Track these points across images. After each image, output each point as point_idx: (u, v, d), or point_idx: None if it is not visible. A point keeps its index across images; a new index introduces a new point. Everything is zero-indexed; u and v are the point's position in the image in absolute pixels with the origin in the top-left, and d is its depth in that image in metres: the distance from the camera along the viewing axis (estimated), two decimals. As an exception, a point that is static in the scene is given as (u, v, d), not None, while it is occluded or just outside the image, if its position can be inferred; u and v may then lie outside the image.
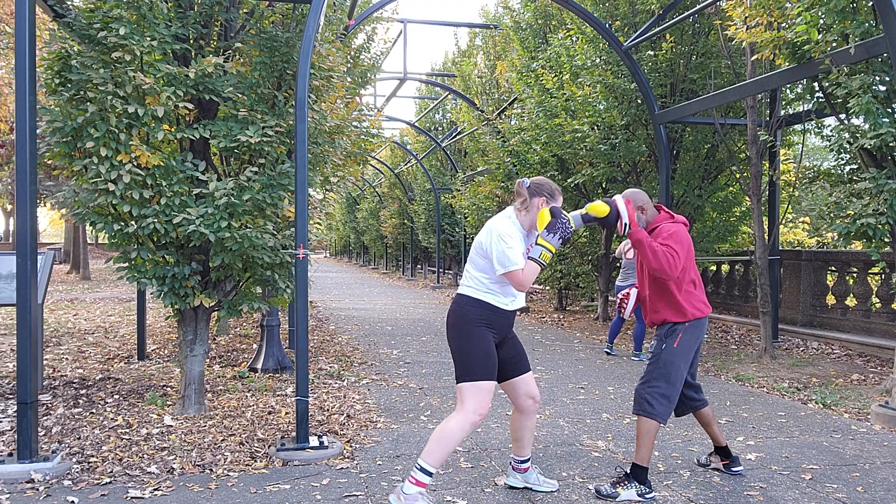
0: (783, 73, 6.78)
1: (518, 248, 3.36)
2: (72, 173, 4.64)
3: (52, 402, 5.46)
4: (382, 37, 11.62)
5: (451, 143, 20.86)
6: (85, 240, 22.67)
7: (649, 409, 3.67)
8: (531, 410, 3.66)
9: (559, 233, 3.39)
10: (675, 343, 3.73)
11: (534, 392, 3.65)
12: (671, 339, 3.74)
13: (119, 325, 10.44)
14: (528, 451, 3.77)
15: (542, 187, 3.51)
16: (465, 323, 3.40)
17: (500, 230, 3.39)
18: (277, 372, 6.89)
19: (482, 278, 3.43)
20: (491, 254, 3.36)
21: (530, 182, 3.51)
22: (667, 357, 3.72)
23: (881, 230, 5.73)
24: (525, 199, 3.50)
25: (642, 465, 3.70)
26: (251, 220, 4.81)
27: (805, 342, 9.15)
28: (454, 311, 3.47)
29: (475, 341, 3.36)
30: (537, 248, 3.37)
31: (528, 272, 3.32)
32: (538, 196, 3.49)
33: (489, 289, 3.42)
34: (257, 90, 4.90)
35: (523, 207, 3.51)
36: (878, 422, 5.28)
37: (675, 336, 3.75)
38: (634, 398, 3.78)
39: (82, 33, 4.40)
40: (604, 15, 10.32)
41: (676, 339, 3.73)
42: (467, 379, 3.35)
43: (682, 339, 3.73)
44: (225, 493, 3.71)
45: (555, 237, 3.38)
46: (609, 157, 10.17)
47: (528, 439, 3.74)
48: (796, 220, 23.21)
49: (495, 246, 3.34)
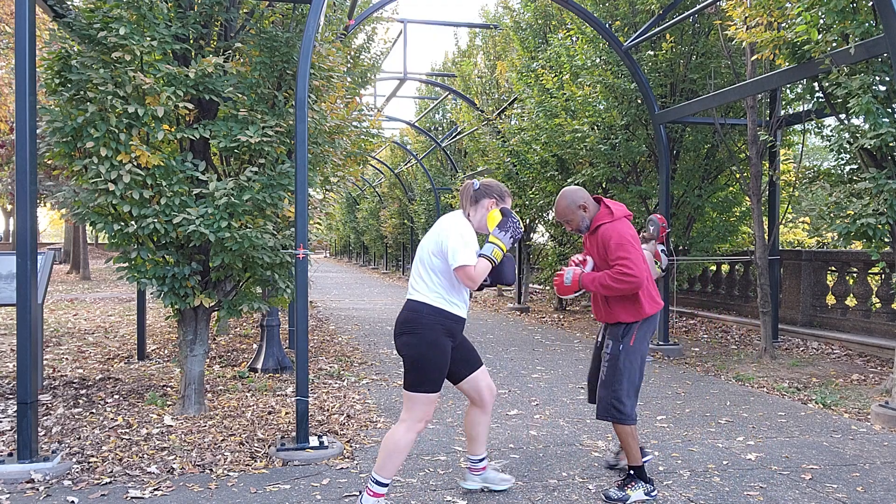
0: (783, 73, 6.78)
1: (474, 247, 3.34)
2: (72, 173, 4.64)
3: (52, 402, 5.46)
4: (382, 37, 11.62)
5: (451, 143, 20.87)
6: (85, 240, 22.67)
7: (618, 415, 3.63)
8: (489, 404, 3.65)
9: (510, 231, 3.38)
10: (631, 342, 3.69)
11: (491, 384, 3.66)
12: (627, 338, 3.70)
13: (119, 325, 10.44)
14: (483, 449, 3.73)
15: (491, 189, 3.50)
16: (424, 332, 3.30)
17: (460, 228, 3.36)
18: (277, 372, 6.89)
19: (441, 283, 3.35)
20: (447, 249, 3.30)
21: (480, 184, 3.50)
22: (625, 357, 3.67)
23: (881, 230, 5.73)
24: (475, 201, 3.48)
25: (638, 465, 3.71)
26: (251, 220, 4.81)
27: (805, 342, 9.15)
28: (409, 320, 3.34)
29: (433, 351, 3.29)
30: (489, 246, 3.35)
31: (480, 269, 3.29)
32: (488, 197, 3.48)
33: (448, 296, 3.36)
34: (257, 90, 4.90)
35: (472, 209, 3.49)
36: (878, 422, 5.28)
37: (630, 335, 3.70)
38: (599, 404, 3.71)
39: (82, 33, 4.40)
40: (604, 15, 10.32)
41: (632, 337, 3.69)
42: (421, 389, 3.30)
43: (637, 336, 3.70)
44: (225, 493, 3.71)
45: (506, 235, 3.37)
46: (609, 157, 10.17)
47: (484, 436, 3.71)
48: (796, 220, 23.22)
49: (452, 241, 3.30)
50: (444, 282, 3.35)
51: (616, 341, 3.71)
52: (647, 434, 4.94)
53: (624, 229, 3.65)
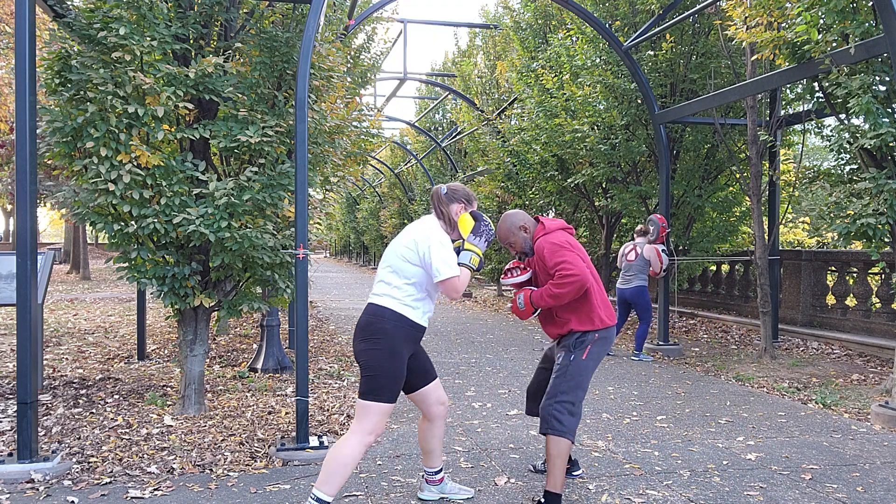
0: (783, 73, 6.78)
1: (454, 256, 3.23)
2: (72, 173, 4.64)
3: (52, 402, 5.46)
4: (382, 37, 11.63)
5: (451, 143, 20.86)
6: (85, 240, 22.67)
7: (559, 427, 3.43)
8: (442, 416, 3.54)
9: (484, 236, 3.32)
10: (584, 355, 3.51)
11: (443, 398, 3.55)
12: (580, 350, 3.53)
13: (119, 325, 10.44)
14: (439, 462, 3.63)
15: (458, 193, 3.40)
16: (385, 339, 3.15)
17: (439, 237, 3.23)
18: (277, 372, 6.89)
19: (410, 290, 3.21)
20: (430, 261, 3.16)
21: (447, 188, 3.40)
22: (575, 370, 3.50)
23: (881, 230, 5.73)
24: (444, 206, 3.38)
25: (555, 493, 3.45)
26: (251, 220, 4.81)
27: (805, 342, 9.15)
28: (371, 325, 3.19)
29: (392, 360, 3.15)
30: (466, 254, 3.27)
31: (464, 279, 3.20)
32: (456, 202, 3.38)
33: (415, 304, 3.23)
34: (257, 90, 4.90)
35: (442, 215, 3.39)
36: (878, 422, 5.28)
37: (583, 347, 3.53)
38: (541, 416, 3.53)
39: (82, 33, 4.40)
40: (604, 15, 10.32)
41: (585, 350, 3.52)
42: (374, 398, 3.13)
43: (591, 350, 3.52)
44: (225, 493, 3.71)
45: (480, 240, 3.30)
46: (609, 157, 10.17)
47: (439, 448, 3.61)
48: (796, 220, 23.22)
49: (435, 253, 3.16)
50: (413, 289, 3.22)
51: (568, 352, 3.54)
52: (647, 434, 4.95)
53: (556, 237, 3.57)
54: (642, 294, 8.19)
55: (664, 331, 8.65)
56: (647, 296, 8.24)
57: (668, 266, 8.33)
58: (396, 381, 3.18)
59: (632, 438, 4.84)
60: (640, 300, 8.19)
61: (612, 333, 3.63)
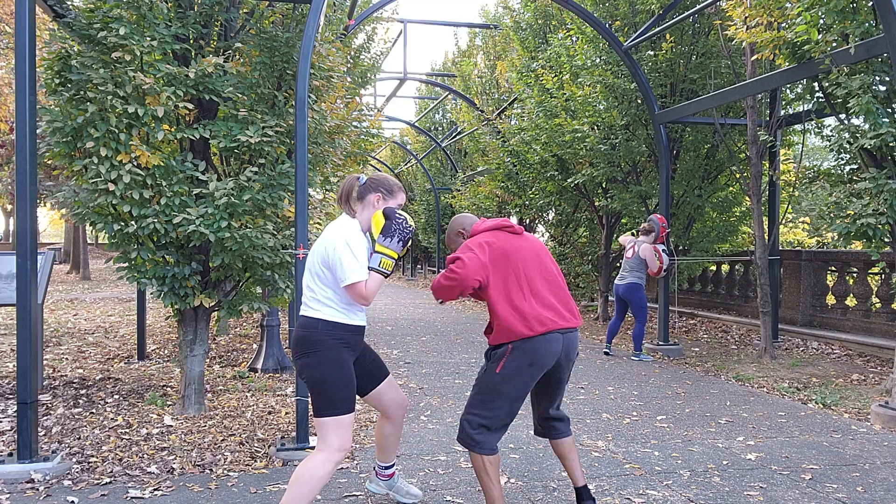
0: (783, 73, 6.78)
1: (363, 257, 2.98)
2: (72, 173, 4.64)
3: (52, 402, 5.46)
4: (382, 37, 11.65)
5: (451, 143, 20.86)
6: (85, 240, 22.67)
7: (470, 442, 3.12)
8: (400, 416, 3.44)
9: (397, 235, 2.99)
10: (498, 368, 3.10)
11: (400, 398, 3.43)
12: (493, 363, 3.15)
13: (119, 325, 10.44)
14: (393, 457, 3.56)
15: (378, 182, 3.13)
16: (323, 350, 2.96)
17: (346, 235, 2.97)
18: (277, 372, 6.89)
19: (333, 295, 3.00)
20: (334, 264, 2.94)
21: (366, 179, 3.16)
22: (487, 383, 3.14)
23: (881, 230, 5.73)
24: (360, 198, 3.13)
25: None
26: (251, 220, 4.81)
27: (805, 342, 9.15)
28: (305, 339, 2.98)
29: (336, 370, 2.95)
30: (376, 257, 2.98)
31: (371, 285, 2.93)
32: (373, 192, 3.10)
33: (345, 307, 3.02)
34: (257, 90, 4.90)
35: (359, 207, 3.14)
36: (878, 422, 5.28)
37: (497, 360, 3.13)
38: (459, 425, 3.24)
39: (82, 33, 4.40)
40: (604, 15, 10.32)
41: (500, 363, 3.11)
42: (328, 413, 2.93)
43: (505, 363, 3.09)
44: (225, 493, 3.71)
45: (393, 241, 2.98)
46: (609, 157, 10.17)
47: (395, 445, 3.53)
48: (796, 220, 23.22)
49: (340, 254, 2.92)
50: (337, 293, 3.00)
51: (486, 362, 3.25)
52: (647, 434, 4.95)
53: (474, 241, 3.22)
54: (636, 291, 8.15)
55: (664, 331, 8.65)
56: (642, 293, 8.19)
57: (668, 266, 8.33)
58: (347, 389, 2.99)
59: (632, 438, 4.84)
60: (634, 297, 8.16)
61: (536, 345, 3.08)
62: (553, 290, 3.22)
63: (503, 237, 3.23)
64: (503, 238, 3.22)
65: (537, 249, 3.28)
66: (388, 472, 3.60)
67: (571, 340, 3.20)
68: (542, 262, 3.26)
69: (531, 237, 3.35)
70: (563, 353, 3.17)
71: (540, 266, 3.24)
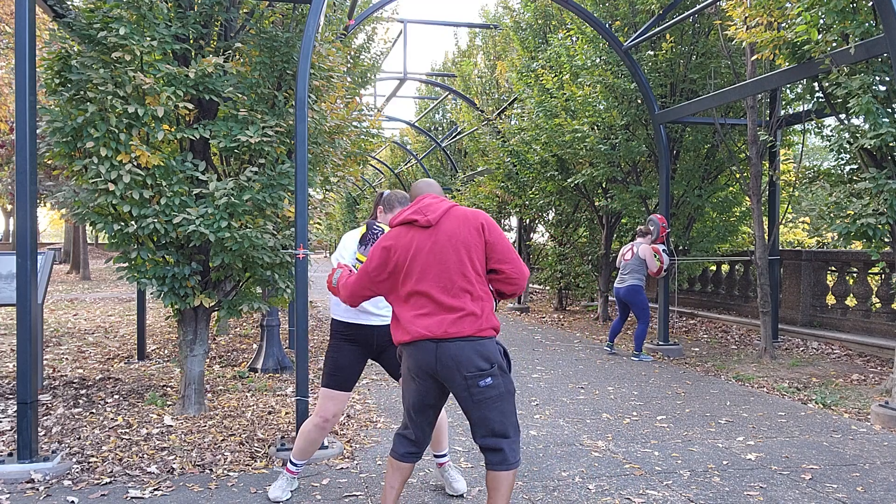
0: (783, 73, 6.78)
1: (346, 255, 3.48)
2: (72, 173, 4.64)
3: (52, 402, 5.46)
4: (382, 37, 11.64)
5: (451, 143, 20.86)
6: (85, 240, 22.67)
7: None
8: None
9: (370, 244, 3.41)
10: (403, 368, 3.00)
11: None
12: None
13: (119, 325, 10.44)
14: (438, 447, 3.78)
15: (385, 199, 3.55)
16: (332, 337, 3.59)
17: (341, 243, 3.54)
18: (277, 372, 6.89)
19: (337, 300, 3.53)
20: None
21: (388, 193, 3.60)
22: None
23: (881, 230, 5.73)
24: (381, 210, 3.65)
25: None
26: (251, 220, 4.81)
27: (805, 342, 9.15)
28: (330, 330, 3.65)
29: (336, 354, 3.53)
30: (355, 262, 3.46)
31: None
32: (379, 206, 3.61)
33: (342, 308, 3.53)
34: (257, 90, 4.90)
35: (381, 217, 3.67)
36: (878, 422, 5.28)
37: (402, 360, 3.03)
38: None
39: (82, 33, 4.40)
40: (604, 15, 10.32)
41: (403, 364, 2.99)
42: (322, 383, 3.58)
43: (402, 366, 2.98)
44: (225, 493, 3.71)
45: (367, 248, 3.43)
46: (609, 157, 10.17)
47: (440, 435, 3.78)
48: (796, 220, 23.23)
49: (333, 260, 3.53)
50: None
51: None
52: (647, 434, 4.95)
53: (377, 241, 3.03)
54: (637, 293, 8.16)
55: (664, 331, 8.65)
56: (643, 295, 8.20)
57: (668, 266, 8.34)
58: (337, 370, 3.52)
59: (632, 438, 4.84)
60: (635, 299, 8.17)
61: (419, 350, 2.83)
62: (447, 293, 2.82)
63: (407, 236, 2.89)
64: (407, 237, 2.89)
65: (441, 245, 2.84)
66: (439, 461, 3.81)
67: (446, 350, 2.78)
68: (443, 259, 2.83)
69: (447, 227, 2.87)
70: (438, 365, 2.79)
71: (438, 265, 2.83)
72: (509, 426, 2.86)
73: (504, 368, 2.86)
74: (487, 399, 2.81)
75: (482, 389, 2.79)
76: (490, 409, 2.82)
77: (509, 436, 2.86)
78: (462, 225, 2.87)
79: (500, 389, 2.83)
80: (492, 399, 2.81)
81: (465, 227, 2.87)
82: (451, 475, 3.78)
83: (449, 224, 2.88)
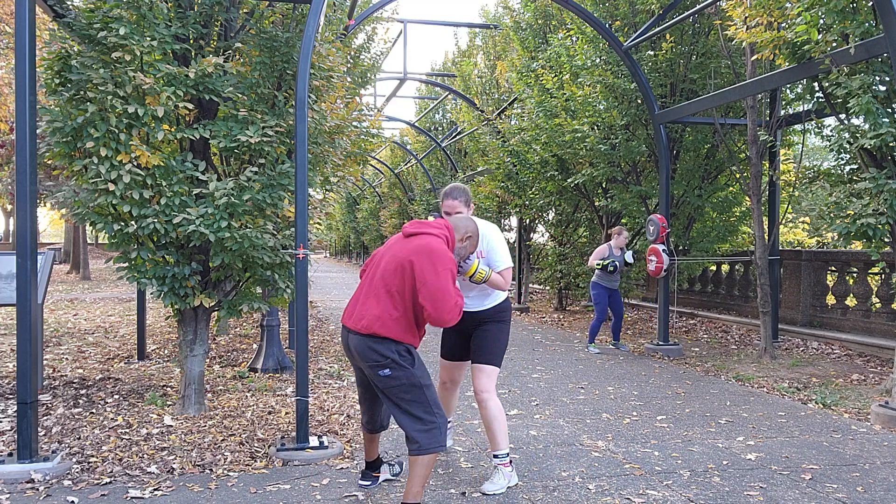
0: (783, 73, 6.78)
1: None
2: (72, 173, 4.64)
3: (52, 402, 5.46)
4: (382, 37, 11.64)
5: (451, 143, 20.86)
6: (85, 240, 22.67)
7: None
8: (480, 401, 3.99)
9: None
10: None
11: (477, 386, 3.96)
12: None
13: (119, 325, 10.44)
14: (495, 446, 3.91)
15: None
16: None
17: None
18: (277, 372, 6.89)
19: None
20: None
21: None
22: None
23: (881, 230, 5.73)
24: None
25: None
26: (251, 220, 4.81)
27: (805, 342, 9.15)
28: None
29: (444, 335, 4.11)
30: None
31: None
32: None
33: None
34: (257, 90, 4.90)
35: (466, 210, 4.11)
36: (878, 422, 5.28)
37: None
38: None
39: (82, 33, 4.40)
40: (604, 15, 10.32)
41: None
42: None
43: None
44: (225, 493, 3.71)
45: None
46: (609, 157, 10.17)
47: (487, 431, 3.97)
48: (796, 220, 23.23)
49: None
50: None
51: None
52: (647, 434, 4.95)
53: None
54: (592, 288, 8.98)
55: (664, 331, 8.65)
56: (596, 290, 8.87)
57: (668, 266, 8.34)
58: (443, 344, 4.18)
59: (632, 438, 4.84)
60: (592, 293, 8.97)
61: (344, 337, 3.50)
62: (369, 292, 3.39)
63: (392, 241, 3.53)
64: (391, 242, 3.53)
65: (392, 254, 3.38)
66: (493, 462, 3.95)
67: (351, 340, 3.39)
68: (383, 266, 3.37)
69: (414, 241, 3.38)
70: (347, 347, 3.45)
71: (379, 269, 3.40)
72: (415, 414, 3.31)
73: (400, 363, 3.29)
74: (391, 388, 3.31)
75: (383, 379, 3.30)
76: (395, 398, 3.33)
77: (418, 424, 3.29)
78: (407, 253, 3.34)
79: (402, 381, 3.29)
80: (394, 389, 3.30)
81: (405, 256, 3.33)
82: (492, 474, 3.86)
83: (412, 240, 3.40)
